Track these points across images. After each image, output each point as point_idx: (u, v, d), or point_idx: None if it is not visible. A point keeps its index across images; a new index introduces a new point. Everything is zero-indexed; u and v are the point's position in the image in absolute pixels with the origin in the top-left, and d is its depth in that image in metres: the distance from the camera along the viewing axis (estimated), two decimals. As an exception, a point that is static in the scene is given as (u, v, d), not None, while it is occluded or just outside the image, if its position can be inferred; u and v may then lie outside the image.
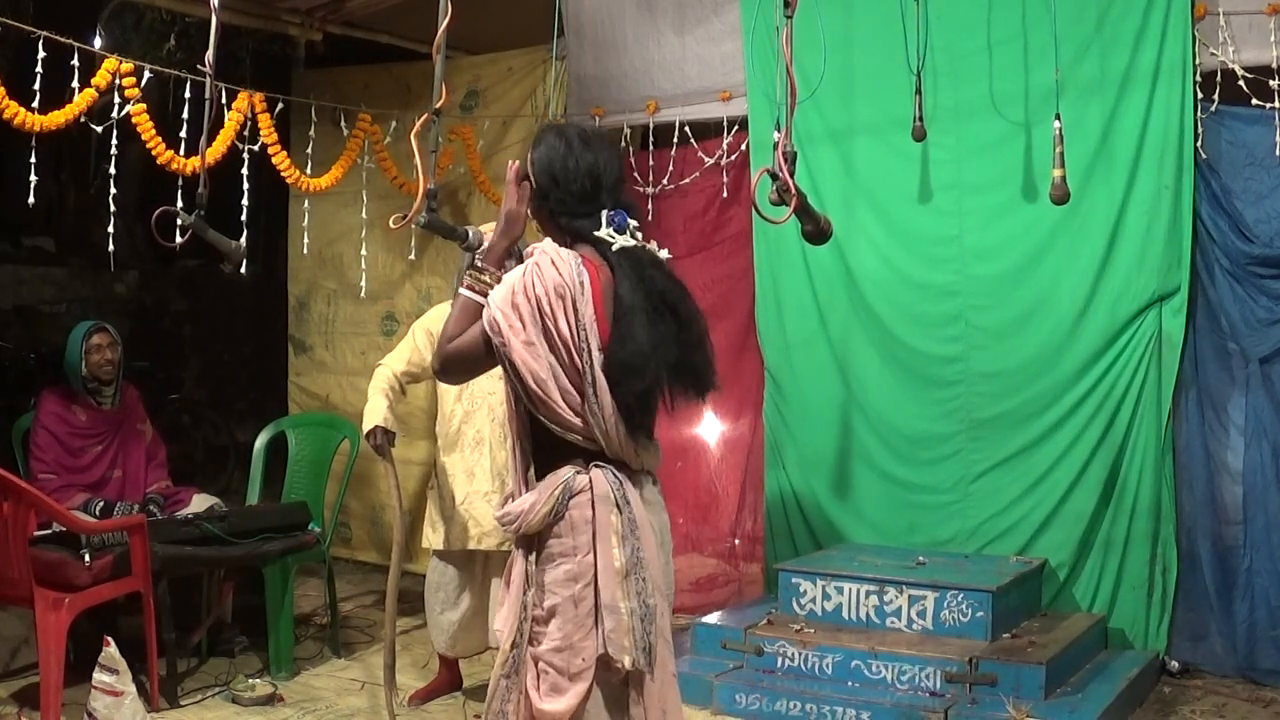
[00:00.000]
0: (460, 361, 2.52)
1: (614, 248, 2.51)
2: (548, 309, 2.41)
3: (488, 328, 2.45)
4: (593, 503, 2.46)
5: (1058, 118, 4.40)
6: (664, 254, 2.63)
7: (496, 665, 2.56)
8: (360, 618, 5.74)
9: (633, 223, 2.59)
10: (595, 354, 2.43)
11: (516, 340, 2.42)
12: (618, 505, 2.46)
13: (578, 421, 2.46)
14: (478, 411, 4.37)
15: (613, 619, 2.43)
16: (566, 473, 2.48)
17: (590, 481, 2.47)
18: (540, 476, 2.54)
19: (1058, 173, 4.37)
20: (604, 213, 2.54)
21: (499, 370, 2.52)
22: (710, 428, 5.85)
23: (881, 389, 5.35)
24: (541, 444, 2.54)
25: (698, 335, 2.56)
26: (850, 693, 4.27)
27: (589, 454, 2.50)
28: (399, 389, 4.34)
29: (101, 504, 4.79)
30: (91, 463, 4.94)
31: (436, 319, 4.35)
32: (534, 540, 2.51)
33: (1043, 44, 4.75)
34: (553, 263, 2.44)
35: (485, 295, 2.49)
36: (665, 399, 2.56)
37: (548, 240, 2.55)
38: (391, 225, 3.32)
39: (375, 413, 4.23)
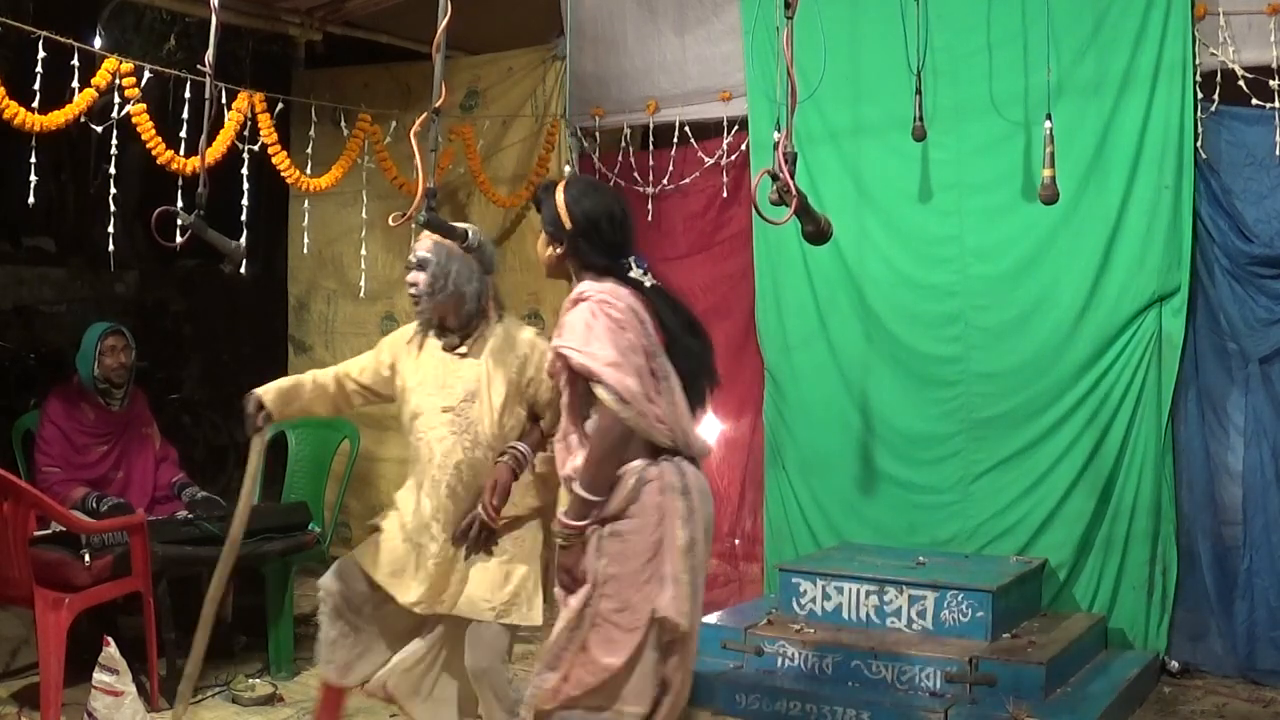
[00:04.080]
0: (613, 450, 2.90)
1: (647, 285, 3.00)
2: (624, 323, 2.85)
3: (580, 373, 2.85)
4: (661, 490, 2.92)
5: (1049, 118, 4.43)
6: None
7: (561, 619, 2.96)
8: (360, 618, 5.73)
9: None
10: (666, 359, 2.94)
11: (607, 368, 2.81)
12: (681, 493, 2.93)
13: (663, 427, 2.91)
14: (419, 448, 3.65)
15: (675, 588, 2.88)
16: (639, 465, 2.92)
17: (660, 472, 2.93)
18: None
19: (1047, 173, 4.40)
20: (632, 258, 3.03)
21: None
22: (710, 427, 5.84)
23: (881, 389, 5.35)
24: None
25: (712, 356, 3.13)
26: (850, 693, 4.26)
27: (657, 448, 2.94)
28: (330, 385, 3.71)
29: (97, 495, 4.79)
30: (96, 461, 4.94)
31: (403, 335, 3.72)
32: (608, 519, 2.93)
33: (1043, 44, 4.74)
34: (610, 292, 2.90)
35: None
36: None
37: (586, 282, 2.97)
38: (391, 222, 3.32)
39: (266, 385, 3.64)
